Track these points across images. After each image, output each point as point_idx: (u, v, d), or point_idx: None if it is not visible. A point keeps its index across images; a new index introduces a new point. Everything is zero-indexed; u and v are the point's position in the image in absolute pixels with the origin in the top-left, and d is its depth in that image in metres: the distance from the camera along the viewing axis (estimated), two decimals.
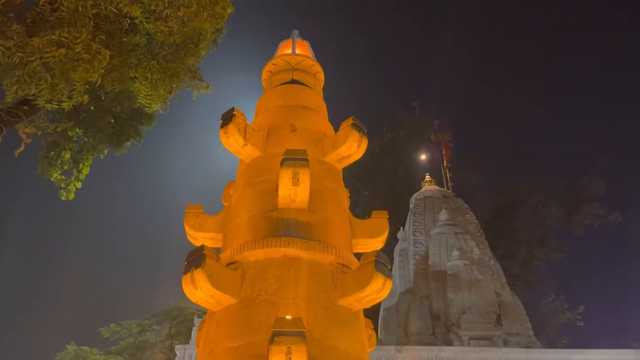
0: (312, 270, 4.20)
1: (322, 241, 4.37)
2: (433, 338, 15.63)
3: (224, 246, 4.61)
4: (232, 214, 4.81)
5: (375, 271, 4.00)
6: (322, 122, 5.43)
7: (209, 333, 4.14)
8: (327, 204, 4.71)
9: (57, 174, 12.97)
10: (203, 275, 3.83)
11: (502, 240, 24.10)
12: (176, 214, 30.96)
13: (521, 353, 12.88)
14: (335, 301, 4.14)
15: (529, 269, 25.09)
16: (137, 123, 13.53)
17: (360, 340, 4.19)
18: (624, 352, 12.76)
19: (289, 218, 4.44)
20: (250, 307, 4.00)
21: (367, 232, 4.94)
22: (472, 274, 16.48)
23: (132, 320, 24.95)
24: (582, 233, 26.00)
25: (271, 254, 4.23)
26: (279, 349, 3.35)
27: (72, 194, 13.04)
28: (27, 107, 10.35)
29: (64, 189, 12.96)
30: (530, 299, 23.53)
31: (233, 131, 4.79)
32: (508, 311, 15.90)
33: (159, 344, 24.04)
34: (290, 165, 4.31)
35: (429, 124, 27.66)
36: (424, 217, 18.75)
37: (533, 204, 26.06)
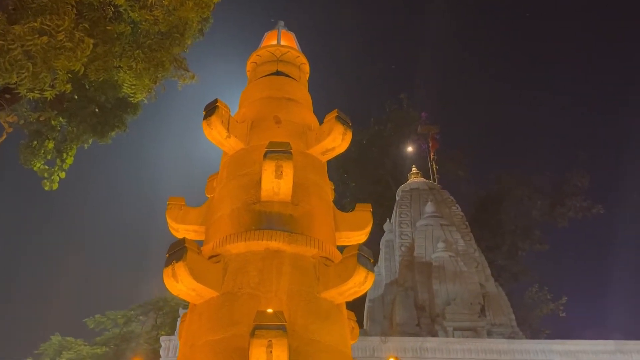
0: (295, 264, 4.20)
1: (305, 234, 4.36)
2: (418, 329, 15.77)
3: (207, 239, 4.58)
4: (215, 206, 4.78)
5: (357, 264, 4.01)
6: (306, 115, 5.41)
7: (191, 326, 4.13)
8: (310, 197, 4.70)
9: (40, 164, 12.81)
10: (184, 268, 3.81)
11: (487, 232, 24.30)
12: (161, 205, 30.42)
13: (504, 343, 13.05)
14: (317, 294, 4.14)
15: (514, 261, 25.37)
16: (122, 113, 13.39)
17: (343, 333, 4.21)
18: (605, 342, 12.98)
19: (272, 211, 4.42)
20: (232, 300, 3.99)
21: (350, 225, 4.94)
22: (457, 266, 16.62)
23: (118, 311, 24.84)
24: (566, 225, 26.35)
25: (253, 247, 4.22)
26: (259, 342, 3.35)
27: (55, 184, 12.89)
28: (8, 95, 10.19)
29: (47, 179, 12.80)
30: (514, 290, 23.84)
31: (216, 123, 4.75)
32: (492, 302, 16.08)
33: (144, 334, 23.96)
34: (273, 158, 4.29)
35: (416, 116, 27.72)
36: (410, 209, 18.84)
37: (518, 197, 26.29)
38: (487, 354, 12.76)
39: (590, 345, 12.97)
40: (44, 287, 37.96)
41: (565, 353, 12.74)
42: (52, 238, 40.38)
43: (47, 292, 37.49)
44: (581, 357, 12.68)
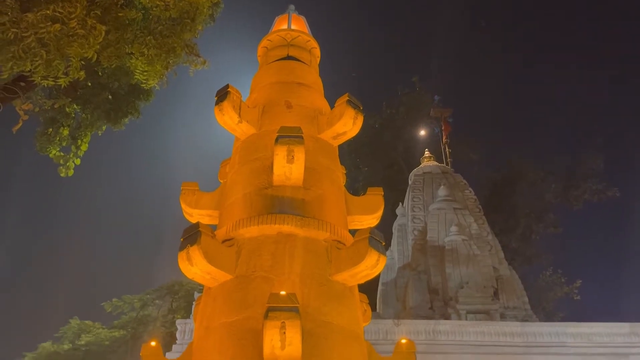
0: (307, 247, 4.24)
1: (317, 218, 4.40)
2: (431, 312, 15.82)
3: (220, 223, 4.64)
4: (228, 191, 4.83)
5: (369, 247, 4.04)
6: (317, 99, 5.41)
7: (206, 308, 4.20)
8: (322, 181, 4.73)
9: (56, 151, 12.97)
10: (199, 252, 3.87)
11: (501, 215, 24.20)
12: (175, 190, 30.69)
13: (517, 326, 13.03)
14: (329, 277, 4.19)
15: (527, 244, 25.26)
16: (134, 99, 13.48)
17: (355, 315, 4.26)
18: (620, 325, 12.90)
19: (284, 195, 4.46)
20: (246, 283, 4.05)
21: (362, 209, 4.96)
22: (470, 249, 16.60)
23: (134, 295, 25.22)
24: (580, 208, 26.13)
25: (266, 230, 4.27)
26: (273, 324, 3.41)
27: (71, 170, 13.05)
28: (23, 83, 10.30)
29: (62, 166, 12.97)
30: (528, 273, 23.78)
31: (228, 108, 4.78)
32: (505, 285, 16.07)
33: (160, 318, 24.33)
34: (284, 143, 4.31)
35: (429, 99, 27.51)
36: (422, 193, 18.80)
37: (532, 180, 26.09)
38: (500, 337, 12.77)
39: (604, 327, 12.91)
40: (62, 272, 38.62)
41: (578, 335, 12.71)
42: (70, 223, 41.00)
43: (65, 276, 38.14)
44: (595, 340, 12.63)
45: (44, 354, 22.69)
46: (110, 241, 40.99)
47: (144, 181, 41.53)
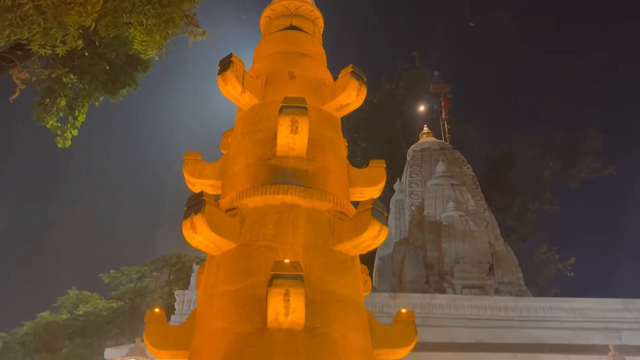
0: (310, 217, 4.27)
1: (320, 189, 4.42)
2: (426, 286, 16.00)
3: (223, 193, 4.66)
4: (231, 161, 4.84)
5: (372, 218, 4.07)
6: (321, 70, 5.38)
7: (209, 276, 4.25)
8: (325, 152, 4.73)
9: (53, 121, 12.90)
10: (203, 220, 3.89)
11: (498, 192, 24.30)
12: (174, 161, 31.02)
13: (512, 301, 13.22)
14: (332, 247, 4.23)
15: (523, 221, 25.45)
16: (132, 70, 13.36)
17: (357, 285, 4.32)
18: (613, 301, 13.10)
19: (287, 166, 4.47)
20: (249, 251, 4.09)
21: (364, 181, 4.99)
22: (467, 225, 16.72)
23: (132, 267, 25.36)
24: (577, 186, 26.26)
25: (270, 200, 4.29)
26: (277, 291, 3.45)
27: (68, 141, 13.00)
28: (20, 52, 10.18)
29: (60, 137, 12.92)
30: (523, 250, 24.02)
31: (231, 78, 4.75)
32: (501, 261, 16.23)
33: (158, 289, 24.52)
34: (289, 113, 4.30)
35: (429, 75, 27.35)
36: (420, 169, 18.84)
37: (530, 158, 26.15)
38: (494, 311, 12.95)
39: (597, 303, 13.11)
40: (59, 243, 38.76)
41: (572, 310, 12.90)
42: (67, 194, 41.00)
43: (62, 247, 38.31)
44: (588, 315, 12.84)
45: (42, 323, 22.89)
46: (107, 213, 41.09)
47: (142, 154, 41.45)
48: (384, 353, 4.28)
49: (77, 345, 22.69)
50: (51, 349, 22.66)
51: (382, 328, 4.40)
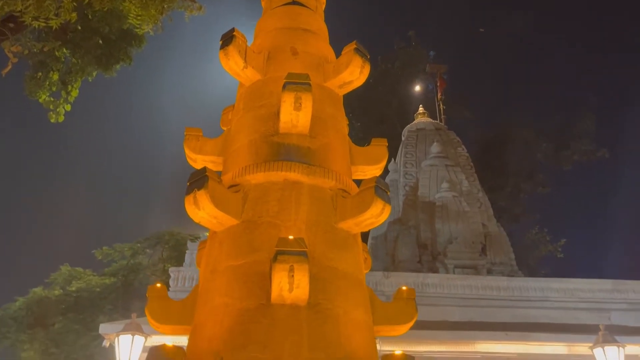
0: (313, 195, 4.27)
1: (322, 166, 4.41)
2: (419, 266, 16.14)
3: (225, 169, 4.64)
4: (232, 137, 4.81)
5: (375, 196, 4.08)
6: (323, 46, 5.33)
7: (212, 252, 4.25)
8: (327, 130, 4.71)
9: (45, 96, 12.75)
10: (206, 196, 3.88)
11: (491, 173, 24.43)
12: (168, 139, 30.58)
13: (504, 281, 13.39)
14: (334, 224, 4.24)
15: (515, 203, 25.65)
16: (126, 45, 13.19)
17: (358, 262, 4.34)
18: (603, 281, 13.32)
19: (290, 143, 4.45)
20: (252, 228, 4.09)
21: (366, 159, 4.98)
22: (460, 206, 16.81)
23: (125, 244, 25.37)
24: (569, 168, 26.46)
25: (272, 177, 4.28)
26: (282, 267, 3.47)
27: (61, 116, 12.87)
28: (13, 24, 10.01)
29: (53, 111, 12.79)
30: (515, 231, 24.24)
31: (233, 53, 4.69)
32: (493, 242, 16.38)
33: (151, 266, 24.58)
34: (292, 90, 4.27)
35: (425, 54, 27.21)
36: (415, 149, 18.85)
37: (523, 139, 26.24)
38: (486, 290, 13.12)
39: (588, 284, 13.32)
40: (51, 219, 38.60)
41: (563, 291, 13.10)
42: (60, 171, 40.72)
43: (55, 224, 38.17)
44: (578, 295, 13.04)
45: (35, 299, 22.91)
46: (101, 190, 40.91)
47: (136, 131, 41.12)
48: (385, 329, 4.33)
49: (70, 321, 22.76)
50: (44, 324, 22.72)
51: (383, 305, 4.44)
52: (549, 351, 11.55)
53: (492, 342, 11.58)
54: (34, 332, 22.64)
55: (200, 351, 3.64)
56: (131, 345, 8.95)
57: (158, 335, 11.08)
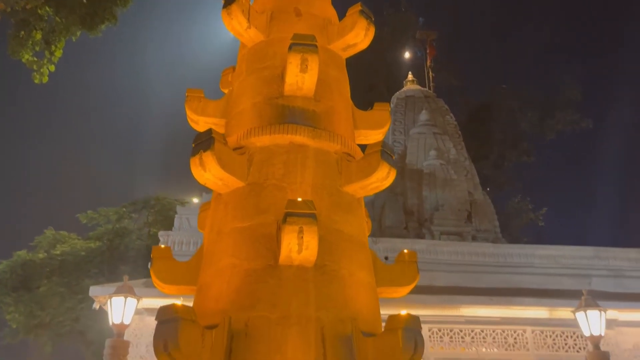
0: (318, 158, 4.27)
1: (327, 130, 4.40)
2: (405, 232, 16.36)
3: (228, 132, 4.60)
4: (235, 99, 4.75)
5: (381, 160, 4.10)
6: (327, 8, 5.23)
7: (216, 214, 4.25)
8: (332, 93, 4.68)
9: (29, 56, 12.44)
10: (212, 157, 3.86)
11: (476, 142, 24.61)
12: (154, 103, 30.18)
13: (489, 247, 13.67)
14: (340, 188, 4.26)
15: (499, 171, 25.97)
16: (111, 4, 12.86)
17: (362, 225, 4.39)
18: (584, 249, 13.68)
19: (295, 106, 4.42)
20: (258, 190, 4.09)
21: (369, 124, 4.97)
22: (448, 174, 16.97)
23: (110, 208, 25.22)
24: (553, 138, 26.77)
25: (278, 140, 4.26)
26: (291, 229, 3.49)
27: (45, 77, 12.59)
28: None
29: (36, 72, 12.50)
30: (498, 199, 24.61)
31: (237, 12, 4.59)
32: (479, 209, 16.63)
33: (136, 231, 24.53)
34: (299, 51, 4.21)
35: (414, 21, 26.92)
36: (404, 117, 18.85)
37: (509, 108, 26.40)
38: (472, 256, 13.39)
39: (570, 250, 13.66)
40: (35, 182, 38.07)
41: (545, 257, 13.43)
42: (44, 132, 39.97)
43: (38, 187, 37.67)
44: (561, 262, 13.39)
45: (19, 262, 22.78)
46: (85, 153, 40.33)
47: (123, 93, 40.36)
48: (387, 291, 4.41)
49: (55, 284, 22.72)
50: (29, 287, 22.66)
51: (385, 267, 4.51)
52: (532, 315, 11.91)
53: (476, 306, 11.89)
54: (19, 295, 22.58)
55: (207, 311, 3.68)
56: (123, 308, 8.99)
57: (149, 298, 11.17)
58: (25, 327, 22.54)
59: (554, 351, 11.67)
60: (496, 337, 11.76)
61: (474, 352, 11.67)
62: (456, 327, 11.79)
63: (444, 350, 11.46)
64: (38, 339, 23.27)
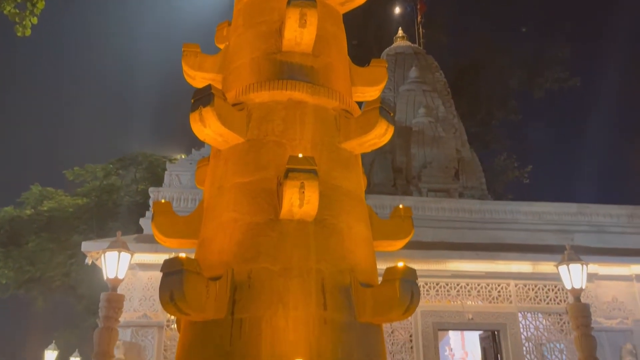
0: (317, 114, 4.30)
1: (326, 86, 4.41)
2: (393, 189, 16.55)
3: (226, 88, 4.59)
4: (232, 55, 4.72)
5: (379, 117, 4.15)
6: None
7: (216, 170, 4.30)
8: (330, 48, 4.67)
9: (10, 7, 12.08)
10: (212, 113, 3.87)
11: (464, 99, 24.63)
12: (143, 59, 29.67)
13: (476, 204, 13.91)
14: (338, 144, 4.32)
15: (486, 129, 26.12)
16: None
17: (359, 181, 4.47)
18: (568, 205, 13.98)
19: (293, 61, 4.41)
20: (258, 146, 4.13)
21: (366, 80, 4.99)
22: (436, 131, 17.06)
23: (97, 165, 25.04)
24: (541, 96, 26.85)
25: (277, 96, 4.27)
26: (293, 184, 3.56)
27: (28, 29, 12.26)
28: None
29: (19, 24, 12.16)
30: (484, 156, 24.84)
31: None
32: (466, 167, 16.83)
33: (124, 187, 24.45)
34: (297, 5, 4.17)
35: None
36: (393, 74, 18.72)
37: (498, 66, 26.31)
38: (459, 213, 13.63)
39: (554, 207, 13.96)
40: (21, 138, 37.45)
41: (531, 213, 13.72)
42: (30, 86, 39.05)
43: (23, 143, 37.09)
44: (545, 218, 13.70)
45: (6, 218, 22.72)
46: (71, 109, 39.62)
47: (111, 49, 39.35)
48: (383, 244, 4.54)
49: (44, 240, 22.77)
50: (17, 242, 22.69)
51: (381, 222, 4.63)
52: (515, 269, 12.27)
53: (462, 261, 12.21)
54: (8, 251, 22.61)
55: (210, 263, 3.78)
56: (117, 262, 9.07)
57: (141, 253, 11.29)
58: (15, 282, 22.67)
59: (536, 303, 12.10)
60: (481, 291, 12.13)
61: (459, 305, 12.06)
62: (442, 281, 12.12)
63: (429, 303, 11.81)
64: (29, 293, 23.49)
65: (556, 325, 12.13)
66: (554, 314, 12.23)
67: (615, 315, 12.11)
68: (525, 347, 11.80)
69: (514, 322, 11.93)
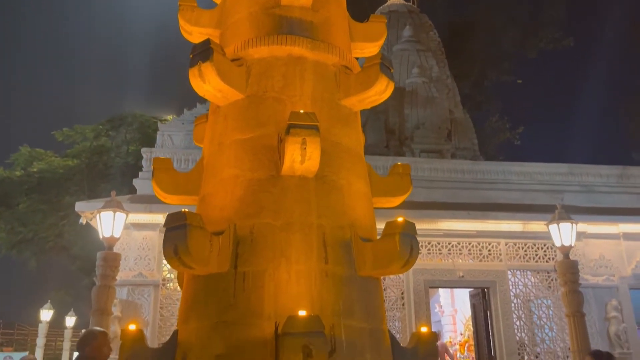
0: (317, 70, 4.27)
1: (325, 42, 4.36)
2: (386, 150, 16.60)
3: (224, 43, 4.51)
4: (230, 9, 4.63)
5: (380, 73, 4.12)
6: None
7: (216, 126, 4.28)
8: (329, 3, 4.60)
9: None
10: (212, 68, 3.82)
11: (457, 60, 24.45)
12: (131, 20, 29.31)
13: (468, 164, 14.02)
14: (338, 101, 4.30)
15: (479, 90, 26.05)
16: None
17: (358, 138, 4.48)
18: (559, 165, 14.14)
19: (293, 16, 4.34)
20: (258, 102, 4.11)
21: (365, 36, 4.93)
22: (430, 92, 17.00)
23: (86, 126, 24.81)
24: (535, 57, 26.69)
25: (276, 52, 4.22)
26: (295, 140, 3.56)
27: None
28: None
29: None
30: (476, 117, 24.84)
31: None
32: (459, 128, 16.87)
33: (115, 148, 24.32)
34: None
35: None
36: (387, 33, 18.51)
37: (492, 26, 26.04)
38: (451, 173, 13.75)
39: (545, 167, 14.11)
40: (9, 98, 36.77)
41: (522, 174, 13.87)
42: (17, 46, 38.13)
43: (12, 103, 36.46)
44: (536, 178, 13.87)
45: None
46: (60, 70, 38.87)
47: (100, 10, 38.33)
48: (381, 201, 4.59)
49: (35, 201, 22.73)
50: (8, 204, 22.63)
51: (380, 179, 4.67)
52: (506, 229, 12.48)
53: (454, 220, 12.39)
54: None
55: (211, 219, 3.81)
56: (113, 221, 9.11)
57: (135, 214, 11.31)
58: (7, 243, 22.73)
59: (525, 261, 12.36)
60: (472, 249, 12.36)
61: (450, 263, 12.30)
62: (434, 240, 12.32)
63: (421, 261, 12.03)
64: (21, 254, 23.58)
65: (544, 282, 12.45)
66: (542, 272, 12.53)
67: (602, 273, 12.42)
68: (514, 303, 12.13)
69: (503, 279, 12.22)
